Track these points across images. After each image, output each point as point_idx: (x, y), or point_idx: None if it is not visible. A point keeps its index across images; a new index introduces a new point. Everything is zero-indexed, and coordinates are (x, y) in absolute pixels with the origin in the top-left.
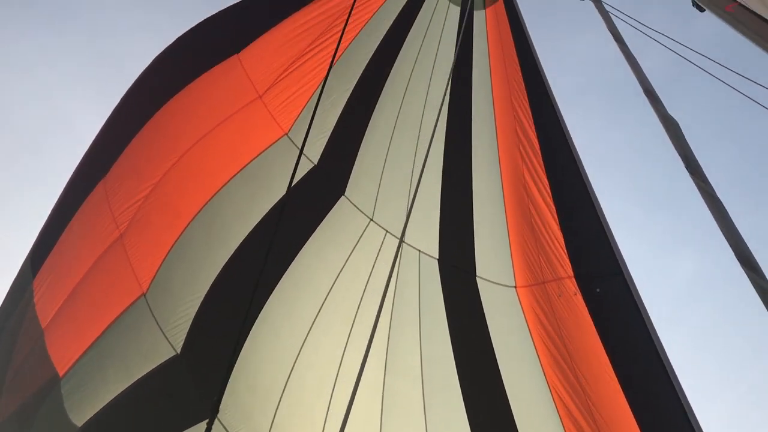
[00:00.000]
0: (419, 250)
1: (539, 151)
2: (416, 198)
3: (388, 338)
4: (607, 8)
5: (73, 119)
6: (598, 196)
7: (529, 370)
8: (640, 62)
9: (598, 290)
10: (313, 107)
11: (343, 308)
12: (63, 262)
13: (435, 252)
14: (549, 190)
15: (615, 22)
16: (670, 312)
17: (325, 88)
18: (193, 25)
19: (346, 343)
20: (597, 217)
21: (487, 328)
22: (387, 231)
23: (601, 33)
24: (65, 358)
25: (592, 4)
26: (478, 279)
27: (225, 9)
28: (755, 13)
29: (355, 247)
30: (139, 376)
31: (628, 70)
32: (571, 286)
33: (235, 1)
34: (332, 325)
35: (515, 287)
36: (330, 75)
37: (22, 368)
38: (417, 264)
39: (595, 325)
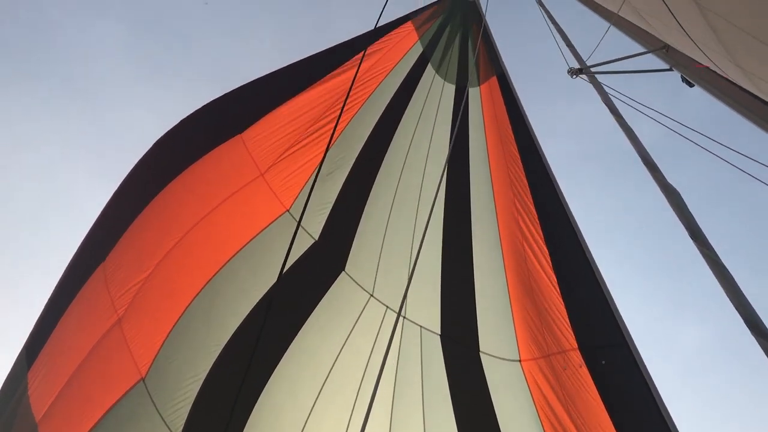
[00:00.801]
0: (421, 326)
1: (538, 223)
2: (416, 273)
3: (391, 418)
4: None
5: (74, 194)
6: (599, 266)
7: None
8: (635, 131)
9: (603, 362)
10: (315, 184)
11: (346, 386)
12: (59, 352)
13: (437, 327)
14: (550, 262)
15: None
16: (678, 381)
17: (325, 164)
18: (193, 102)
19: (349, 423)
20: (599, 288)
21: (492, 405)
22: (387, 307)
23: (593, 103)
24: None
25: (582, 79)
26: (481, 354)
27: (229, 92)
28: (738, 85)
29: (356, 324)
30: None
31: (625, 140)
32: (576, 358)
33: (239, 84)
34: (335, 403)
35: (519, 361)
36: (330, 151)
37: None
38: (419, 339)
39: (601, 398)
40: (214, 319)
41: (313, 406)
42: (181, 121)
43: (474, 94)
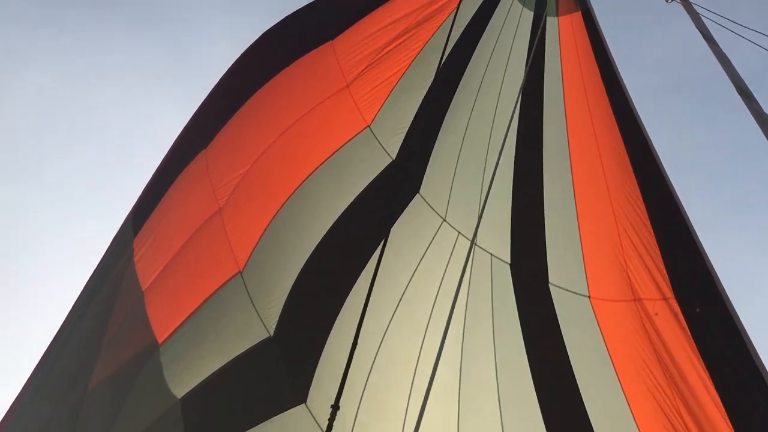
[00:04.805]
0: (491, 254)
1: (628, 161)
2: (488, 201)
3: (462, 343)
4: (697, 8)
5: (155, 121)
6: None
7: (607, 385)
8: (732, 60)
9: (698, 310)
10: (394, 101)
11: (419, 307)
12: (163, 226)
13: (507, 256)
14: (642, 200)
15: (705, 21)
16: None
17: (403, 84)
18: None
19: (422, 343)
20: (691, 237)
21: (562, 337)
22: (459, 232)
23: (690, 30)
24: (164, 325)
25: (678, 4)
26: (550, 286)
27: None
28: None
29: (429, 247)
30: (234, 356)
31: (720, 69)
32: (671, 306)
33: None
34: (409, 323)
35: (589, 297)
36: (409, 71)
37: (121, 328)
38: (489, 268)
39: (698, 349)
40: (303, 224)
41: (389, 324)
42: (279, 22)
43: (552, 23)
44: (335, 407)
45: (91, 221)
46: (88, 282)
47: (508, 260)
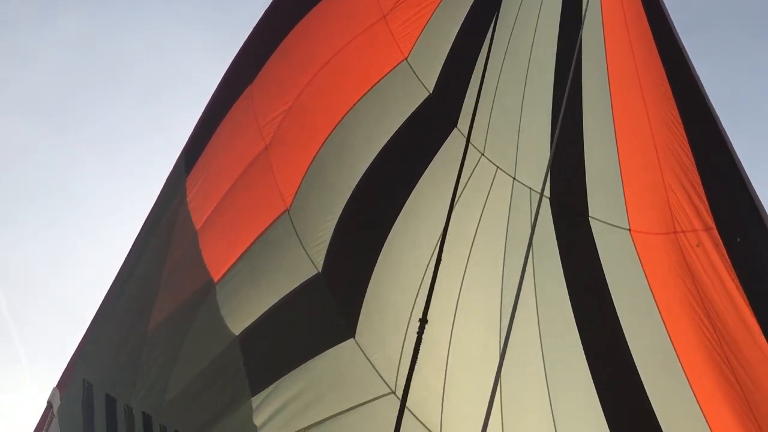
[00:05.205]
0: (530, 188)
1: (669, 84)
2: (527, 136)
3: (503, 276)
4: None
5: (188, 70)
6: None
7: (648, 318)
8: None
9: (738, 240)
10: (430, 32)
11: (458, 243)
12: (213, 166)
13: (547, 190)
14: (685, 131)
15: None
16: None
17: (440, 15)
18: None
19: (463, 278)
20: (735, 167)
21: (602, 270)
22: (498, 167)
23: None
24: (218, 264)
25: None
26: (591, 219)
27: None
28: None
29: (468, 182)
30: (285, 293)
31: None
32: (711, 237)
33: None
34: (449, 258)
35: (629, 230)
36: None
37: (176, 269)
38: (528, 202)
39: (738, 277)
40: (345, 160)
41: (429, 260)
42: None
43: None
44: (423, 320)
45: (134, 167)
46: (143, 225)
47: (548, 194)
